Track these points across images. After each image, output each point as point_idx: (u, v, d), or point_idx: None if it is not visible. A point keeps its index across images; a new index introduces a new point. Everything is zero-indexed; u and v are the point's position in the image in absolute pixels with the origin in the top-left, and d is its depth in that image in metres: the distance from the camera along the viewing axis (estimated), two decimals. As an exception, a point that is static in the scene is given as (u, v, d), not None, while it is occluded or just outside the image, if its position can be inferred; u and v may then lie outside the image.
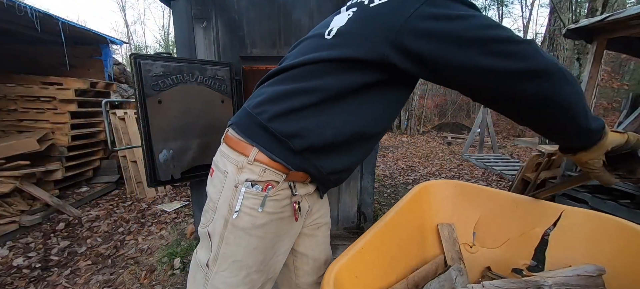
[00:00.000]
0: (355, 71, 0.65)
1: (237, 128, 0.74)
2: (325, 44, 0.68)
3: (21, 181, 2.70)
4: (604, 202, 2.27)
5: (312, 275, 0.94)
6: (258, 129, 0.70)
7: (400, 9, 0.58)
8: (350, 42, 0.64)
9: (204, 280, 0.76)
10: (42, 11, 2.93)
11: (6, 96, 3.24)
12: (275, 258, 0.80)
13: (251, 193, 0.69)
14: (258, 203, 0.69)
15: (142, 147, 1.52)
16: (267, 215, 0.70)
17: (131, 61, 1.43)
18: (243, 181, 0.69)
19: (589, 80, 2.64)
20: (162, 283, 1.95)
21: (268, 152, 0.69)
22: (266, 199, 0.69)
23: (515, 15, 40.35)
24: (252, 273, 0.75)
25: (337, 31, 0.68)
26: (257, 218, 0.70)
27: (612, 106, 9.46)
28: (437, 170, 5.38)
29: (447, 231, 1.31)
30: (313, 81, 0.67)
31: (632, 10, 2.14)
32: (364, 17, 0.64)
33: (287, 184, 0.72)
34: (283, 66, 0.75)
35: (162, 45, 21.00)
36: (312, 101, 0.67)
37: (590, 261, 1.04)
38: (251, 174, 0.69)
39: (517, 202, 1.29)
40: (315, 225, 0.92)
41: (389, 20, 0.59)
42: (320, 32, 0.73)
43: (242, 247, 0.72)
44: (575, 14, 6.07)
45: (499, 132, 11.02)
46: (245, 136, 0.72)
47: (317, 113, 0.68)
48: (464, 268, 1.20)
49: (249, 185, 0.69)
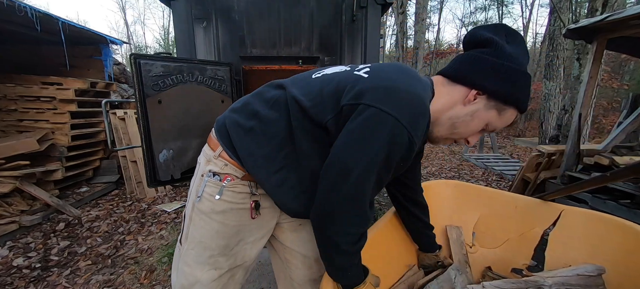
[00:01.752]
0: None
1: (215, 126, 0.85)
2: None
3: (21, 181, 2.70)
4: (604, 202, 2.27)
5: (304, 270, 0.95)
6: (225, 131, 0.80)
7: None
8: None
9: (178, 255, 0.88)
10: (42, 11, 2.93)
11: (6, 96, 3.24)
12: (243, 246, 0.85)
13: (212, 182, 0.78)
14: (216, 191, 0.77)
15: (142, 147, 1.52)
16: (224, 203, 0.78)
17: (131, 61, 1.43)
18: (207, 171, 0.79)
19: (589, 80, 2.64)
20: (162, 283, 1.95)
21: (228, 152, 0.78)
22: (223, 188, 0.77)
23: (515, 15, 40.37)
24: (216, 255, 0.82)
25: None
26: (215, 204, 0.78)
27: (612, 106, 9.46)
28: (437, 170, 5.38)
29: (455, 234, 1.31)
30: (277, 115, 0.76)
31: (632, 10, 2.14)
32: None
33: (246, 182, 0.78)
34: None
35: (162, 45, 20.99)
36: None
37: (590, 260, 1.04)
38: (214, 167, 0.79)
39: (517, 202, 1.29)
40: (296, 221, 0.93)
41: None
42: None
43: (205, 229, 0.81)
44: (575, 14, 6.07)
45: (499, 132, 11.02)
46: (217, 134, 0.81)
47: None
48: (469, 270, 1.20)
49: (211, 175, 0.78)
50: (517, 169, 4.23)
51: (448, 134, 0.76)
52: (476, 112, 0.72)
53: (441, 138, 0.78)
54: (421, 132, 0.65)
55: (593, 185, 1.03)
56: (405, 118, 0.60)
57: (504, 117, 0.73)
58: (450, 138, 0.78)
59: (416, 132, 0.62)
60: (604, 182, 0.91)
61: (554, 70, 5.34)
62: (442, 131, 0.76)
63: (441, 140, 0.79)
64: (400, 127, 0.60)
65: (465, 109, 0.72)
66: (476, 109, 0.72)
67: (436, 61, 15.62)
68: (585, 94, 2.67)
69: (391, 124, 0.60)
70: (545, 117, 5.50)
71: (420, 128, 0.64)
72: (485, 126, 0.74)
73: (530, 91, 0.74)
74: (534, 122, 11.50)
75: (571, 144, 2.70)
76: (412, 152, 0.65)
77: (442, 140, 0.79)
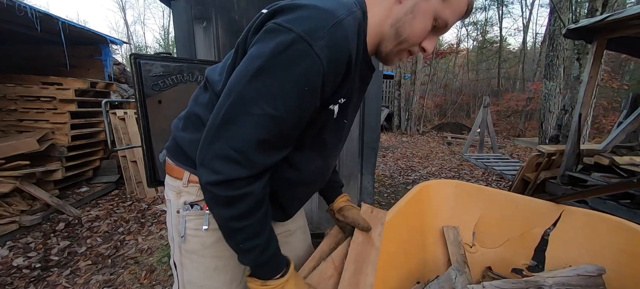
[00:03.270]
0: None
1: (169, 153, 0.73)
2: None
3: (21, 181, 2.70)
4: (604, 202, 2.27)
5: None
6: (182, 152, 0.68)
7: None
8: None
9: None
10: (42, 11, 2.93)
11: (6, 96, 3.24)
12: (240, 264, 0.78)
13: (192, 214, 0.68)
14: (201, 222, 0.68)
15: (142, 147, 1.52)
16: (214, 232, 0.68)
17: (131, 61, 1.43)
18: (182, 204, 0.68)
19: (589, 80, 2.64)
20: (162, 283, 1.95)
21: (195, 172, 0.64)
22: (208, 216, 0.67)
23: (515, 15, 40.37)
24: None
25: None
26: (204, 237, 0.69)
27: (612, 106, 9.46)
28: (437, 170, 5.38)
29: (453, 234, 1.31)
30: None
31: (632, 10, 2.14)
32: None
33: None
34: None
35: (162, 45, 21.00)
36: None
37: (590, 261, 1.04)
38: (188, 196, 0.68)
39: (517, 202, 1.29)
40: (286, 232, 0.91)
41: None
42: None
43: (201, 271, 0.71)
44: (575, 14, 6.07)
45: (499, 132, 11.02)
46: (175, 160, 0.70)
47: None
48: (468, 270, 1.20)
49: (189, 207, 0.68)
50: (517, 169, 4.23)
51: (396, 44, 0.63)
52: (415, 6, 0.59)
53: (392, 53, 0.65)
54: (335, 50, 0.51)
55: (616, 190, 1.02)
56: (307, 30, 0.49)
57: (451, 3, 0.59)
58: (401, 49, 0.64)
59: (323, 48, 0.49)
60: (629, 188, 0.90)
61: (554, 70, 5.34)
62: (389, 44, 0.63)
63: (393, 55, 0.66)
64: (298, 40, 0.48)
65: (402, 8, 0.60)
66: (414, 3, 0.59)
67: (436, 61, 15.62)
68: (585, 94, 2.67)
69: (286, 37, 0.49)
70: (545, 117, 5.50)
71: (331, 41, 0.50)
72: (435, 21, 0.60)
73: None
74: (534, 122, 11.50)
75: (571, 144, 2.70)
76: (322, 74, 0.51)
77: (394, 55, 0.66)
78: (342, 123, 0.68)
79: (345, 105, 0.64)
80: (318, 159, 0.70)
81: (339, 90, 0.59)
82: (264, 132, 0.51)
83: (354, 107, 0.72)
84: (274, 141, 0.54)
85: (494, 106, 12.71)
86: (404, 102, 10.90)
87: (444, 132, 10.81)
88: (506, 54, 16.93)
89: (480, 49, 17.51)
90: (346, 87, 0.60)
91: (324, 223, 2.34)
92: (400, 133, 10.64)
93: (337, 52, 0.51)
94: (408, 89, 11.06)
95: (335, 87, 0.57)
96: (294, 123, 0.54)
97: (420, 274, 1.21)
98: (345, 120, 0.68)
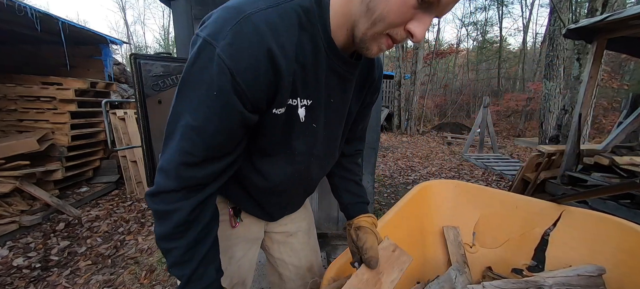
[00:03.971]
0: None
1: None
2: None
3: (21, 181, 2.70)
4: (604, 202, 2.27)
5: (297, 281, 0.93)
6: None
7: None
8: None
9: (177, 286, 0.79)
10: (42, 11, 2.93)
11: (6, 96, 3.24)
12: (234, 264, 0.79)
13: None
14: None
15: (142, 147, 1.52)
16: None
17: (131, 61, 1.43)
18: None
19: (589, 80, 2.64)
20: (162, 283, 1.95)
21: None
22: None
23: (515, 15, 40.39)
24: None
25: None
26: None
27: (612, 106, 9.46)
28: (437, 170, 5.38)
29: (453, 234, 1.30)
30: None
31: (632, 10, 2.14)
32: None
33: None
34: None
35: (162, 45, 21.00)
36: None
37: (590, 261, 1.04)
38: None
39: (517, 202, 1.29)
40: (285, 233, 0.90)
41: None
42: None
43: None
44: (575, 14, 6.07)
45: (499, 132, 11.02)
46: None
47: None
48: (468, 270, 1.20)
49: None
50: (517, 169, 4.24)
51: (370, 25, 0.50)
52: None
53: (367, 37, 0.52)
54: (241, 47, 0.46)
55: (619, 191, 1.01)
56: (211, 33, 0.47)
57: None
58: (377, 32, 0.51)
59: (225, 47, 0.46)
60: (631, 189, 0.90)
61: (554, 70, 5.34)
62: (361, 25, 0.51)
63: (369, 41, 0.53)
64: (204, 45, 0.47)
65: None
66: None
67: (436, 61, 15.62)
68: (585, 94, 2.67)
69: (197, 45, 0.48)
70: (545, 117, 5.50)
71: (235, 38, 0.46)
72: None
73: None
74: (534, 122, 11.50)
75: (571, 144, 2.70)
76: (229, 74, 0.46)
77: (370, 40, 0.53)
78: (312, 128, 0.62)
79: (312, 108, 0.60)
80: (286, 166, 0.66)
81: (281, 91, 0.53)
82: (188, 144, 0.50)
83: (333, 111, 0.65)
84: (200, 153, 0.51)
85: (494, 106, 12.71)
86: (404, 102, 10.90)
87: (444, 132, 10.81)
88: (506, 54, 16.92)
89: (480, 49, 17.51)
90: (299, 88, 0.55)
91: (324, 223, 2.34)
92: (400, 133, 10.64)
93: (245, 49, 0.46)
94: (408, 89, 11.06)
95: (266, 87, 0.50)
96: (216, 131, 0.50)
97: (420, 274, 1.21)
98: (315, 124, 0.63)
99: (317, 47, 0.55)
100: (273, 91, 0.52)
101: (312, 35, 0.54)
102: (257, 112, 0.54)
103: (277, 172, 0.66)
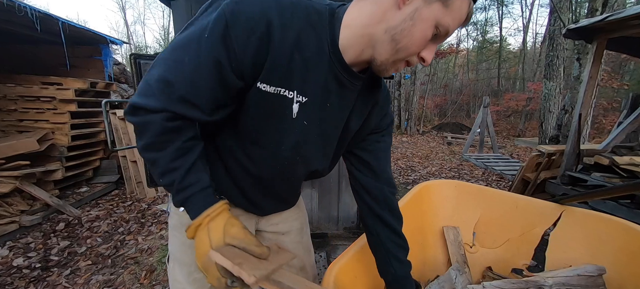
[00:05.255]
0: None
1: None
2: None
3: (21, 181, 2.70)
4: (604, 202, 2.27)
5: None
6: None
7: None
8: None
9: (169, 274, 0.85)
10: (42, 11, 2.93)
11: (6, 96, 3.24)
12: None
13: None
14: None
15: (142, 147, 1.52)
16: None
17: (131, 61, 1.43)
18: None
19: (589, 80, 2.64)
20: (162, 283, 1.95)
21: None
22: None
23: (515, 15, 40.39)
24: (193, 272, 0.77)
25: None
26: (181, 216, 0.73)
27: (612, 106, 9.46)
28: (437, 170, 5.38)
29: (453, 234, 1.30)
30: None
31: (632, 10, 2.14)
32: None
33: None
34: None
35: (162, 45, 20.99)
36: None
37: (590, 261, 1.04)
38: None
39: (517, 202, 1.29)
40: (277, 232, 0.90)
41: None
42: None
43: (177, 245, 0.78)
44: (575, 14, 6.08)
45: (499, 132, 11.02)
46: None
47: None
48: (468, 270, 1.20)
49: None
50: (517, 169, 4.23)
51: (393, 53, 0.57)
52: (416, 13, 0.54)
53: (388, 62, 0.59)
54: (242, 4, 0.52)
55: (622, 192, 1.02)
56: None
57: (453, 9, 0.54)
58: (398, 59, 0.58)
59: (230, 2, 0.52)
60: (634, 190, 0.89)
61: (554, 70, 5.34)
62: (384, 52, 0.58)
63: (389, 65, 0.60)
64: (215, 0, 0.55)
65: (401, 14, 0.55)
66: (415, 9, 0.54)
67: (436, 61, 15.62)
68: (585, 94, 2.67)
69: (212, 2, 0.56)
70: (545, 117, 5.50)
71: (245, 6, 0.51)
72: (436, 28, 0.56)
73: None
74: (534, 122, 11.50)
75: (571, 144, 2.70)
76: (224, 24, 0.51)
77: (390, 65, 0.60)
78: (303, 125, 0.64)
79: (307, 105, 0.61)
80: (270, 158, 0.68)
81: (271, 66, 0.55)
82: (169, 72, 0.53)
83: (329, 115, 0.66)
84: (180, 86, 0.53)
85: (494, 106, 12.71)
86: (404, 102, 10.90)
87: (444, 132, 10.81)
88: (506, 54, 16.92)
89: (480, 49, 17.51)
90: (297, 80, 0.58)
91: (324, 223, 2.34)
92: (400, 133, 10.64)
93: (248, 11, 0.51)
94: (408, 89, 11.06)
95: (254, 51, 0.53)
96: (197, 72, 0.53)
97: (420, 274, 1.21)
98: (306, 122, 0.64)
99: (321, 48, 0.58)
100: (261, 60, 0.55)
101: (318, 34, 0.57)
102: (241, 78, 0.56)
103: (267, 161, 0.69)
